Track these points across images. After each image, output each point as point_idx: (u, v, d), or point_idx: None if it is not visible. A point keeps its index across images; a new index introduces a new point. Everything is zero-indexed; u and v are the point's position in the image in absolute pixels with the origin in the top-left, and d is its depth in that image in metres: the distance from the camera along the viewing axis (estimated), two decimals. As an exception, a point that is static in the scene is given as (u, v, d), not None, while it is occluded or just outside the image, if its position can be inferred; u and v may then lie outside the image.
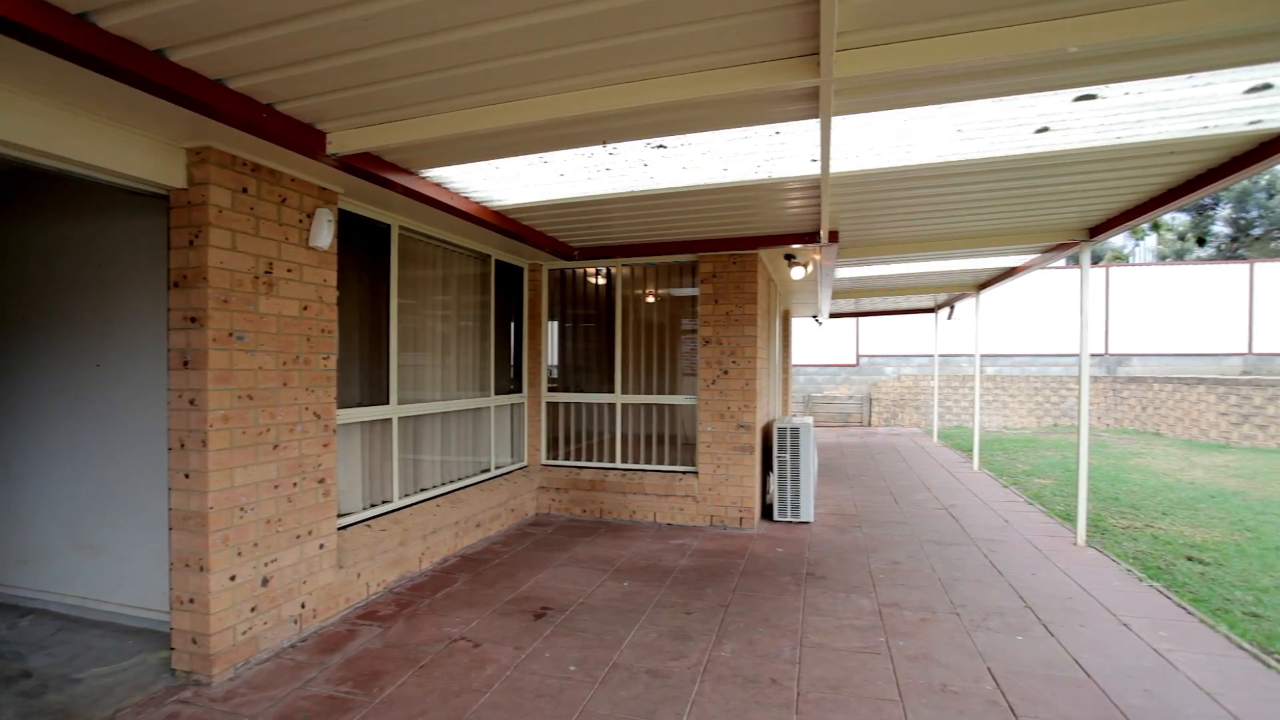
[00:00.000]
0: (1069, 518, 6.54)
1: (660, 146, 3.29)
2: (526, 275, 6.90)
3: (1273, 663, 3.51)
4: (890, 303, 12.48)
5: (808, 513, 6.38)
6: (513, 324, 6.81)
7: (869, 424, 16.76)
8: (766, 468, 6.89)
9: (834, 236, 5.21)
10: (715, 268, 6.23)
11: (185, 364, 3.19)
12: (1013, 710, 3.00)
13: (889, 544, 5.72)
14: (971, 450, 10.39)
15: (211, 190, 3.18)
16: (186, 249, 3.19)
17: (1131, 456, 11.13)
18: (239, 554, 3.33)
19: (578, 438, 6.88)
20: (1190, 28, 2.07)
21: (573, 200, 4.32)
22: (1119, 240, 25.75)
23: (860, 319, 17.05)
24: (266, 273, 3.49)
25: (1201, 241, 25.26)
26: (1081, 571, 4.96)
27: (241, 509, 3.34)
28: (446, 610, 4.17)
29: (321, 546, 3.89)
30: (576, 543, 5.70)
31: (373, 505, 4.68)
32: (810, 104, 2.72)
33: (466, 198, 4.31)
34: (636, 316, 6.70)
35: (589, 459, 6.81)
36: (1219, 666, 3.45)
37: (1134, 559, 5.33)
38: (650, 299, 6.73)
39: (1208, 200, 24.59)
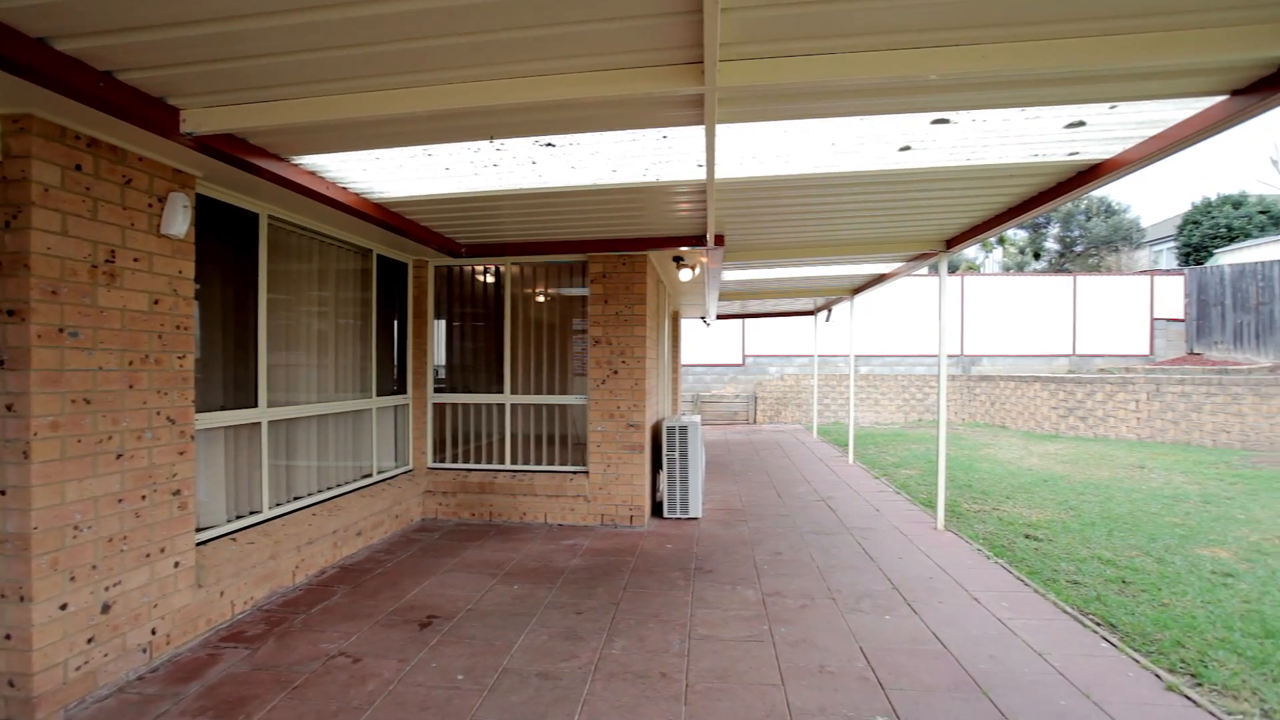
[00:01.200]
0: (931, 505, 7.14)
1: (549, 145, 3.27)
2: (411, 272, 6.63)
3: (1088, 622, 4.01)
4: (774, 305, 13.08)
5: (696, 509, 6.56)
6: (397, 322, 6.51)
7: (754, 421, 17.48)
8: (656, 466, 7.02)
9: (720, 240, 5.39)
10: (605, 268, 6.27)
11: (1, 364, 2.80)
12: (881, 684, 3.24)
13: (772, 536, 5.99)
14: (847, 445, 11.10)
15: (35, 165, 2.79)
16: (2, 232, 2.80)
17: (982, 447, 12.31)
18: (72, 579, 2.96)
19: (466, 439, 6.70)
20: (1023, 66, 2.34)
21: (459, 196, 4.20)
22: (972, 252, 28.50)
23: (746, 320, 17.76)
24: (107, 261, 3.12)
25: (1037, 255, 28.44)
26: (940, 553, 5.43)
27: (76, 528, 2.97)
28: (323, 625, 3.92)
29: (177, 565, 3.54)
30: (465, 547, 5.54)
31: (239, 517, 4.31)
32: (696, 110, 2.81)
33: (344, 188, 4.07)
34: (527, 316, 6.62)
35: (478, 461, 6.64)
36: (1048, 629, 3.89)
37: (983, 540, 5.91)
38: (541, 298, 6.67)
39: (1041, 219, 27.71)
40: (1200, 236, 23.10)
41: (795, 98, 2.75)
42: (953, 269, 23.84)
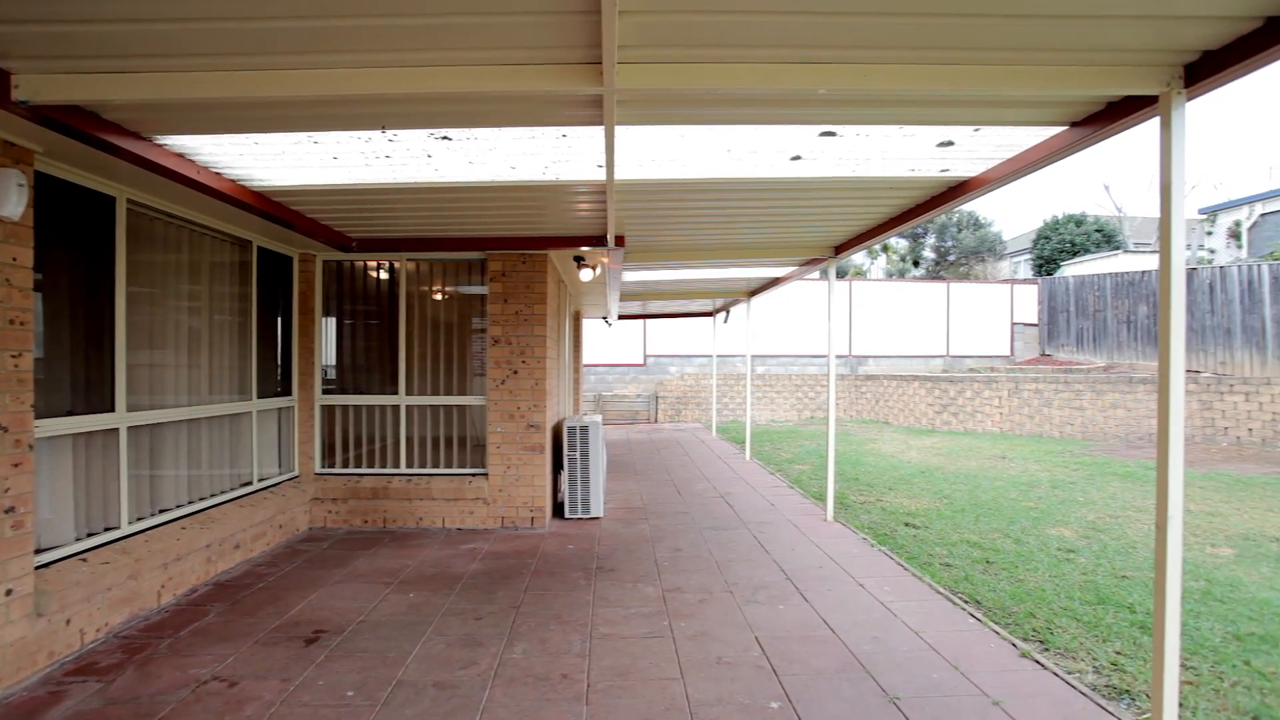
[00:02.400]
0: (821, 498, 7.52)
1: (445, 138, 3.18)
2: (297, 266, 6.23)
3: (957, 601, 4.37)
4: (674, 306, 13.34)
5: (598, 508, 6.57)
6: (281, 319, 6.10)
7: (655, 421, 17.75)
8: (558, 466, 6.98)
9: (621, 241, 5.44)
10: (505, 266, 6.16)
11: None
12: (775, 671, 3.38)
13: (673, 533, 6.11)
14: (745, 442, 11.49)
15: None
16: None
17: (868, 442, 13.12)
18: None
19: (358, 443, 6.37)
20: (899, 86, 2.52)
21: (349, 187, 3.99)
22: (860, 258, 30.25)
23: (648, 321, 18.00)
24: (-76, 248, 2.73)
25: (916, 263, 30.67)
26: (830, 544, 5.74)
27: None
28: (194, 649, 3.61)
29: (9, 593, 3.13)
30: (356, 556, 5.27)
31: (91, 534, 3.88)
32: (595, 111, 2.82)
33: (219, 174, 3.76)
34: (423, 314, 6.39)
35: (371, 465, 6.34)
36: (924, 610, 4.21)
37: (869, 529, 6.30)
38: (438, 296, 6.45)
39: (919, 229, 29.92)
40: (1050, 250, 25.73)
41: (692, 103, 2.82)
42: (841, 274, 25.24)
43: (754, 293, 10.51)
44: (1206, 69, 2.42)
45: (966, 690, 3.18)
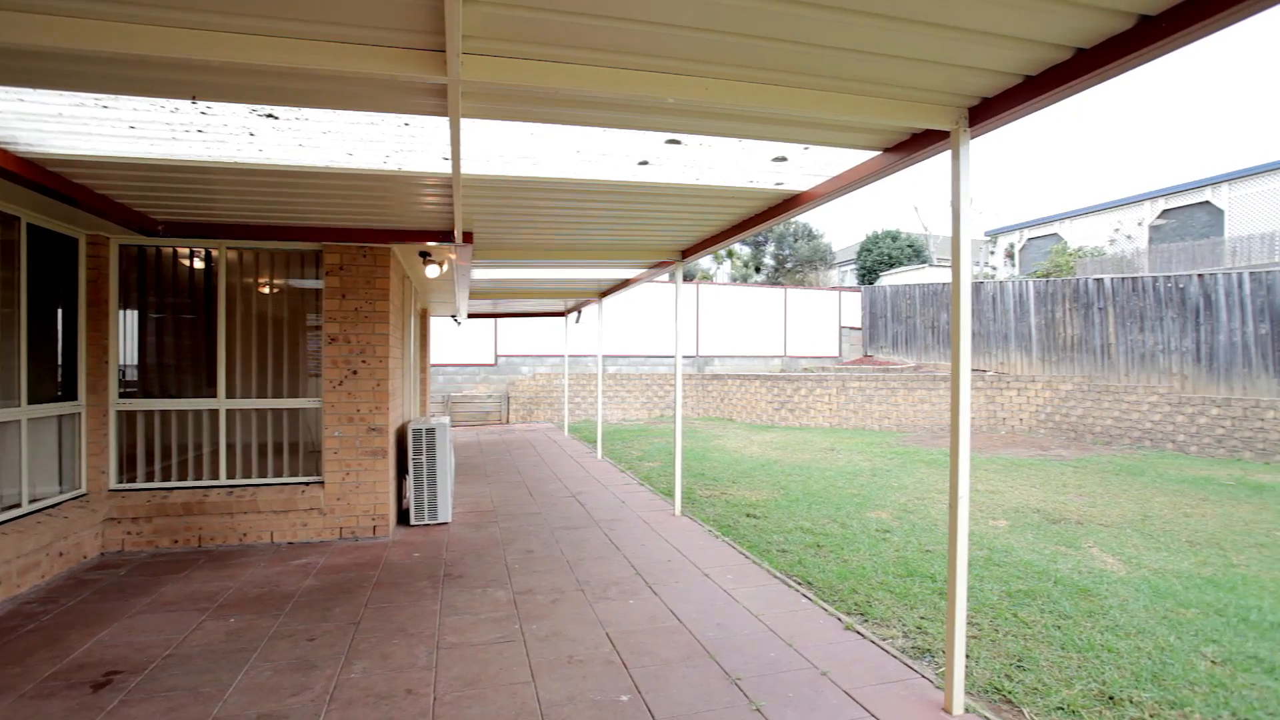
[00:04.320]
0: (670, 494, 7.79)
1: (270, 116, 2.90)
2: (85, 250, 5.37)
3: (792, 583, 4.73)
4: (526, 305, 13.16)
5: (445, 513, 6.33)
6: (63, 311, 5.22)
7: (507, 421, 17.41)
8: (402, 471, 6.62)
9: (469, 237, 5.28)
10: (343, 259, 5.74)
11: None
12: (625, 665, 3.45)
13: (524, 534, 6.03)
14: (596, 441, 11.60)
15: None
16: None
17: (714, 439, 13.78)
18: None
19: (166, 453, 5.62)
20: (737, 101, 2.67)
21: (151, 162, 3.51)
22: (707, 262, 31.75)
23: (499, 320, 17.62)
24: None
25: (758, 269, 32.76)
26: (678, 537, 5.95)
27: None
28: (-66, 708, 2.99)
29: None
30: (163, 582, 4.65)
31: None
32: (440, 101, 2.71)
33: (-28, 137, 3.15)
34: (247, 309, 5.77)
35: (183, 478, 5.62)
36: (763, 594, 4.50)
37: (713, 521, 6.62)
38: (266, 289, 5.86)
39: (760, 237, 32.02)
40: (871, 261, 28.62)
41: (541, 101, 2.80)
42: (689, 277, 26.31)
43: (605, 293, 10.66)
44: (985, 112, 2.83)
45: (799, 665, 3.45)
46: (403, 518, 6.49)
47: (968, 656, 3.61)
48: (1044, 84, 2.55)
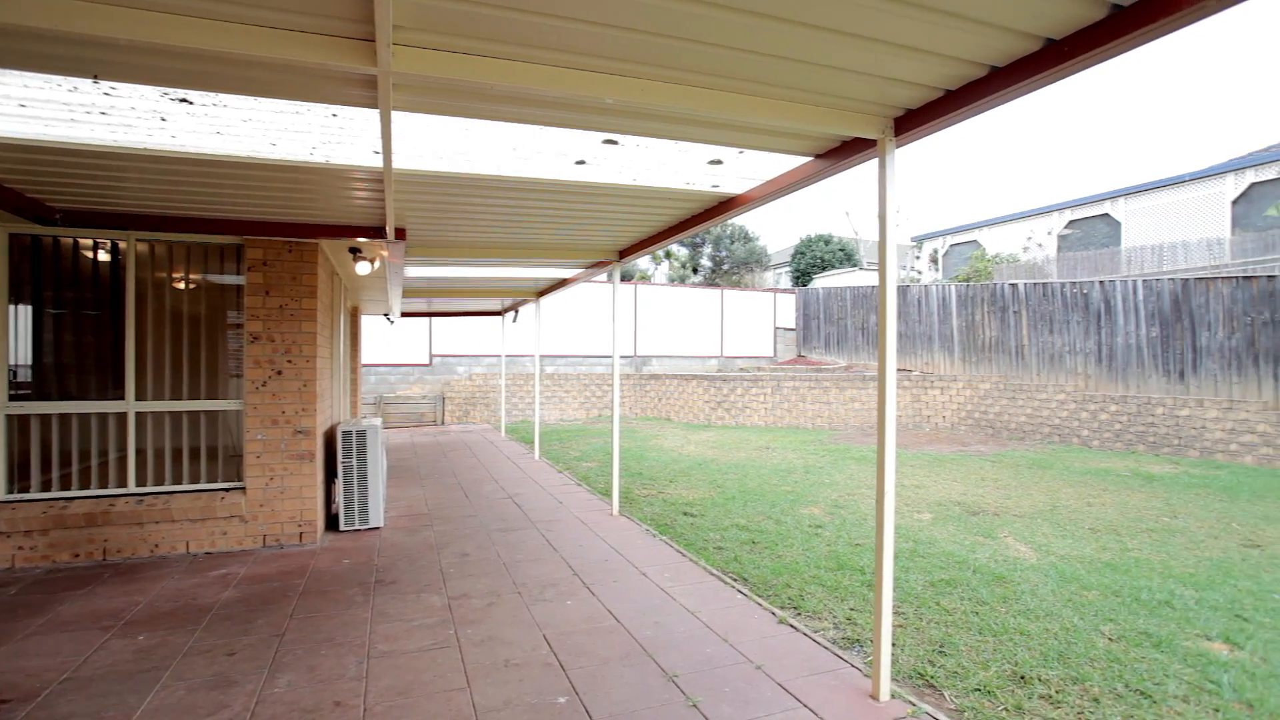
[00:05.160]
0: (608, 493, 7.79)
1: (185, 101, 2.74)
2: (-32, 241, 4.93)
3: (728, 580, 4.81)
4: (462, 304, 12.91)
5: (377, 518, 6.13)
6: (-60, 308, 4.78)
7: (442, 422, 17.02)
8: (332, 475, 6.38)
9: (401, 234, 5.13)
10: (267, 254, 5.48)
11: None
12: (563, 666, 3.43)
13: (459, 537, 5.91)
14: (534, 442, 11.49)
15: None
16: None
17: (651, 438, 13.87)
18: None
19: (66, 460, 5.21)
20: (674, 104, 2.70)
21: (45, 144, 3.25)
22: (645, 263, 31.91)
23: (434, 319, 17.21)
24: None
25: (695, 270, 33.17)
26: (616, 537, 5.96)
27: None
28: None
29: None
30: (61, 600, 4.32)
31: None
32: (370, 93, 2.62)
33: None
34: (161, 305, 5.43)
35: (85, 486, 5.23)
36: (698, 591, 4.56)
37: (651, 520, 6.66)
38: (182, 285, 5.53)
39: (698, 239, 32.44)
40: (805, 264, 29.41)
41: (476, 96, 2.75)
42: (627, 277, 26.39)
43: (543, 293, 10.56)
44: (909, 123, 2.96)
45: (735, 659, 3.51)
46: (332, 523, 6.25)
47: (894, 645, 3.77)
48: (963, 98, 2.69)
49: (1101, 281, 13.07)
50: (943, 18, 2.19)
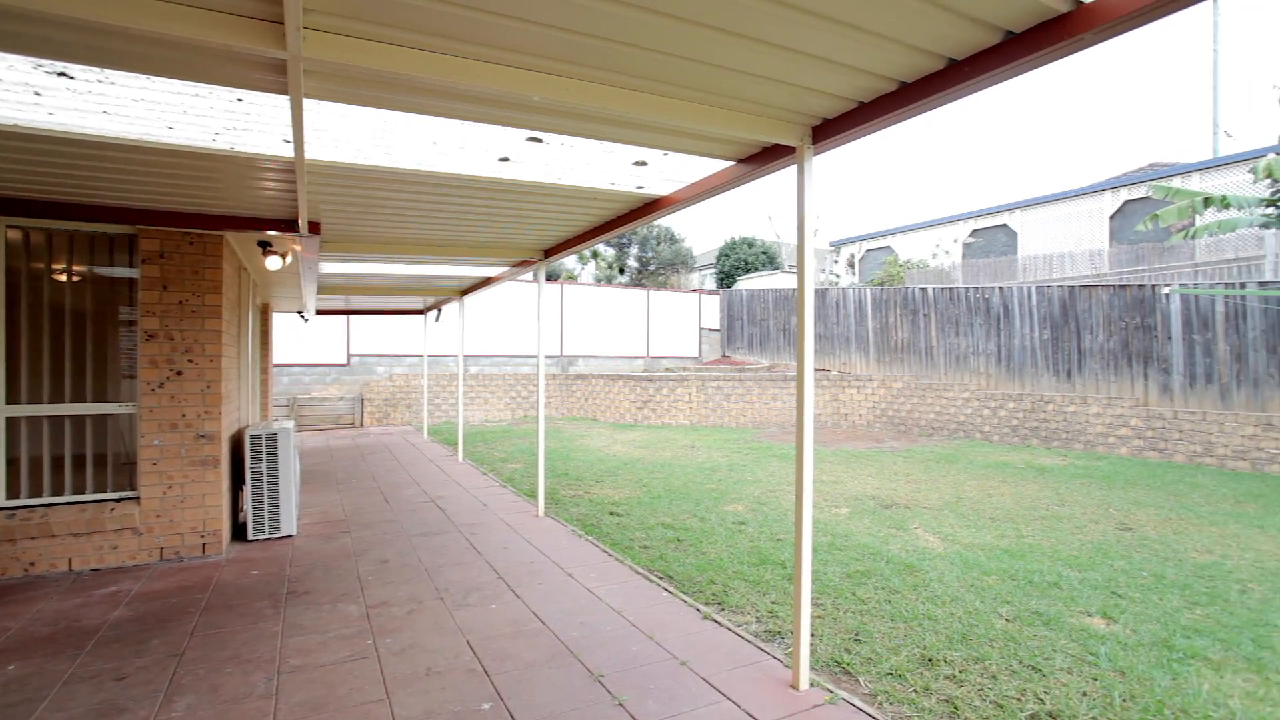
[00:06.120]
0: (533, 495, 7.70)
1: (63, 75, 2.51)
2: None
3: (654, 578, 4.86)
4: (382, 302, 12.46)
5: (290, 525, 5.83)
6: None
7: (361, 425, 16.37)
8: (239, 481, 6.02)
9: (315, 228, 4.90)
10: (165, 246, 5.11)
11: None
12: (487, 672, 3.36)
13: (379, 544, 5.70)
14: (457, 444, 11.22)
15: None
16: None
17: (578, 438, 13.81)
18: None
19: (-80, 473, 4.69)
20: (599, 104, 2.70)
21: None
22: (571, 262, 31.75)
23: (352, 317, 16.51)
24: None
25: (622, 270, 33.26)
26: (541, 538, 5.90)
27: None
28: None
29: None
30: (-85, 627, 3.88)
31: None
32: (279, 78, 2.49)
33: None
34: (38, 299, 4.96)
35: (-56, 502, 4.72)
36: (625, 590, 4.58)
37: (577, 521, 6.63)
38: (64, 277, 5.07)
39: (625, 239, 32.55)
40: (730, 266, 30.05)
41: (396, 88, 2.66)
42: (553, 277, 26.17)
43: (466, 291, 10.34)
44: (826, 131, 3.08)
45: (660, 657, 3.54)
46: (239, 533, 5.90)
47: (813, 635, 3.90)
48: (875, 110, 2.82)
49: (1001, 287, 13.99)
50: (856, 32, 2.29)
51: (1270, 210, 13.87)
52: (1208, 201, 11.70)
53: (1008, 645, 3.79)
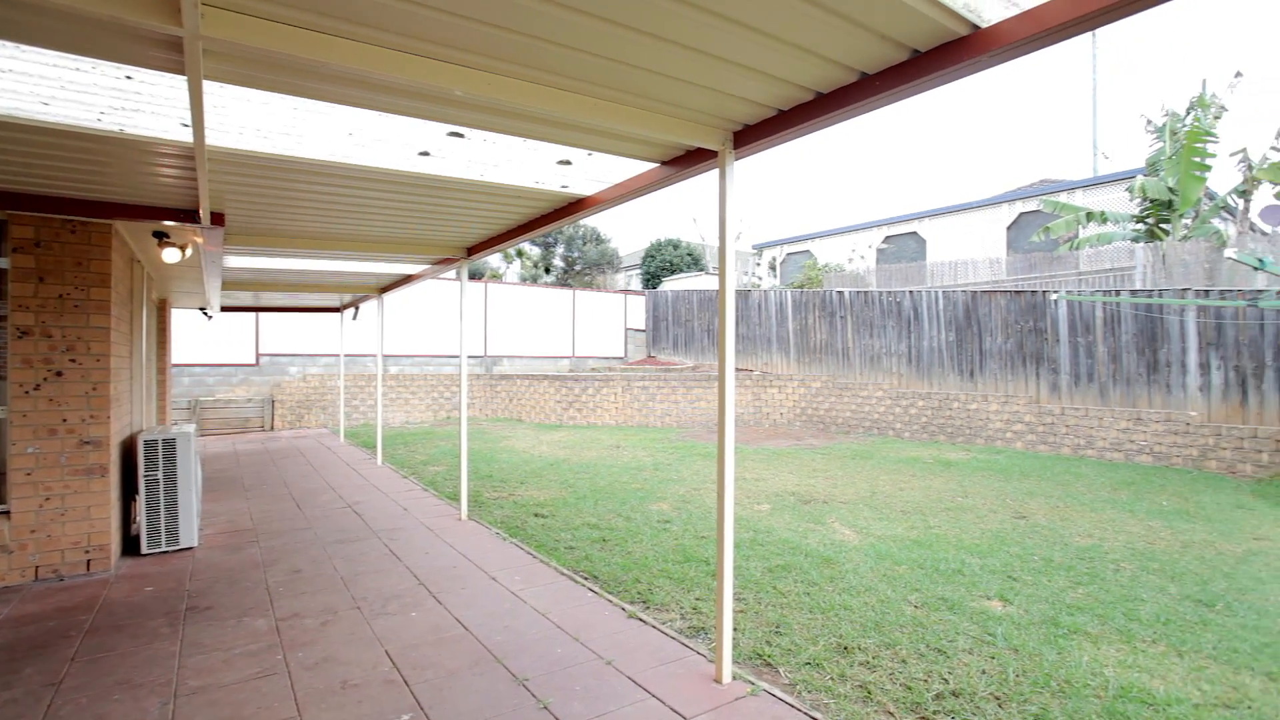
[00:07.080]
0: (455, 498, 7.51)
1: (-77, 45, 2.25)
2: None
3: (579, 579, 4.84)
4: (295, 299, 11.85)
5: (190, 537, 5.45)
6: None
7: (272, 428, 15.50)
8: (131, 491, 5.58)
9: (219, 219, 4.60)
10: (41, 234, 4.68)
11: None
12: (407, 682, 3.26)
13: (290, 553, 5.41)
14: (376, 447, 10.81)
15: None
16: None
17: (502, 439, 13.58)
18: None
19: None
20: (522, 101, 2.66)
21: None
22: (496, 261, 31.13)
23: (262, 315, 15.60)
24: None
25: (548, 270, 32.94)
26: (464, 542, 5.77)
27: None
28: None
29: None
30: None
31: None
32: (176, 56, 2.32)
33: None
34: (-115, 293, 4.43)
35: None
36: (550, 592, 4.54)
37: (501, 523, 6.52)
38: (-84, 269, 4.55)
39: (550, 239, 32.25)
40: (655, 267, 30.31)
41: (308, 74, 2.53)
42: (477, 275, 25.64)
43: (386, 289, 9.98)
44: (747, 137, 3.16)
45: (586, 657, 3.53)
46: (132, 546, 5.47)
47: (735, 630, 3.99)
48: (794, 118, 2.91)
49: (911, 291, 14.75)
50: (775, 42, 2.36)
51: (1139, 225, 15.25)
52: (1090, 216, 12.76)
53: (916, 630, 3.99)
